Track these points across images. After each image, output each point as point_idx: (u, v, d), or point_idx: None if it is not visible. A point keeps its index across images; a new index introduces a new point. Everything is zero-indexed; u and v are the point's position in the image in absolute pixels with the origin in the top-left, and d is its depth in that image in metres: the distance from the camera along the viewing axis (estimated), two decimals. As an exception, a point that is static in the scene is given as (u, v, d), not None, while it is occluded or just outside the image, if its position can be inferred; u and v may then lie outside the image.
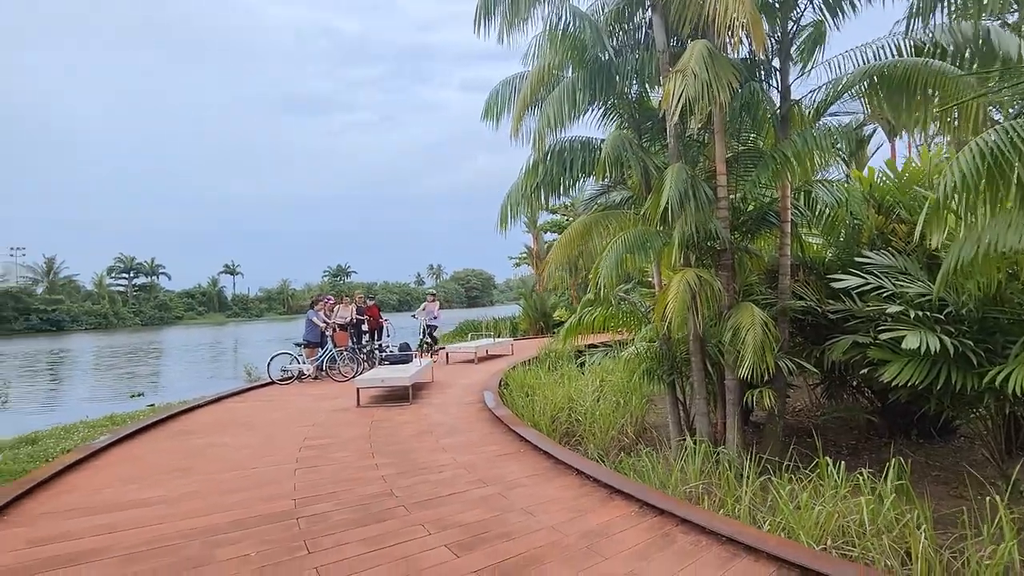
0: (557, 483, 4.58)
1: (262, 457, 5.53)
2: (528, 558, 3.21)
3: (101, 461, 5.53)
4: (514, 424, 6.48)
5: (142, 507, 4.18)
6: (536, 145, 6.39)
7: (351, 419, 7.32)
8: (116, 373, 28.48)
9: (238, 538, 3.60)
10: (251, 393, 9.66)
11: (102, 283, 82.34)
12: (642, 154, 6.34)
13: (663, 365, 6.81)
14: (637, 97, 7.13)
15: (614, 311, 7.28)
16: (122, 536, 3.65)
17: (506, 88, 7.31)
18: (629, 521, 3.73)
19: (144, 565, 3.24)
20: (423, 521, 3.82)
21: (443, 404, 8.21)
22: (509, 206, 6.88)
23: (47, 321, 68.90)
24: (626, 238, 5.80)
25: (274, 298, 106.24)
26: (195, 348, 42.72)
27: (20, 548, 3.49)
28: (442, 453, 5.58)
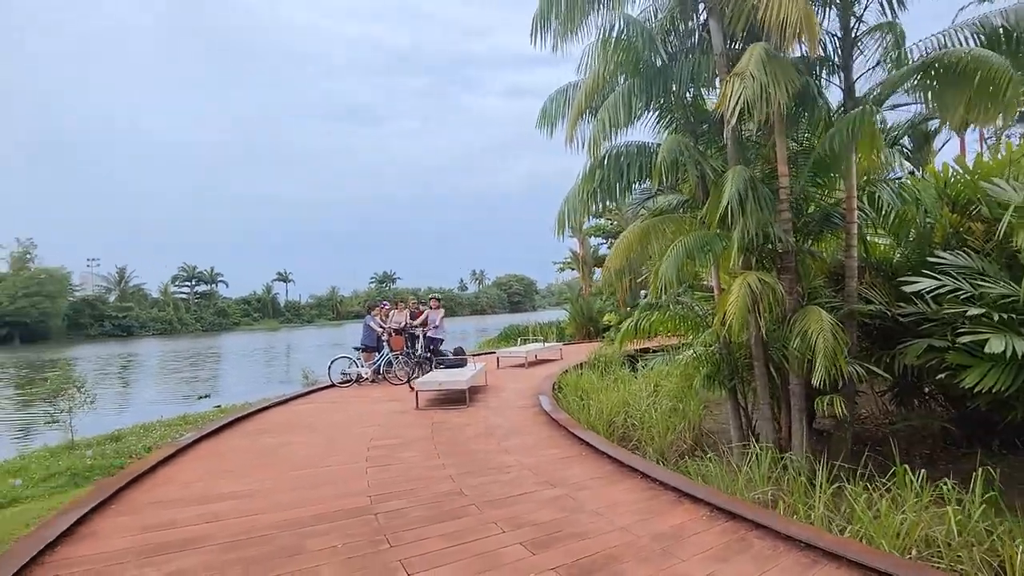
0: (623, 486, 4.62)
1: (333, 455, 5.80)
2: (605, 557, 3.28)
3: (188, 456, 5.93)
4: (573, 427, 6.55)
5: (232, 499, 4.48)
6: (592, 151, 6.46)
7: (412, 420, 7.56)
8: (180, 377, 30.10)
9: (324, 531, 3.82)
10: (314, 396, 10.07)
11: (167, 291, 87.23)
12: (699, 157, 6.31)
13: (723, 370, 6.73)
14: (692, 101, 7.11)
15: (672, 315, 7.24)
16: (220, 526, 3.93)
17: (560, 96, 7.42)
18: (701, 524, 3.74)
19: (244, 553, 3.49)
20: (496, 519, 3.95)
21: (499, 407, 8.35)
22: (567, 211, 6.97)
23: (119, 327, 73.45)
24: (686, 242, 5.79)
25: (324, 304, 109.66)
26: (251, 353, 44.58)
27: (134, 534, 3.81)
28: (505, 455, 5.71)
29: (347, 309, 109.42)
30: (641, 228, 6.58)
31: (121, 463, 9.37)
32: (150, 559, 3.44)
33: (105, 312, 74.36)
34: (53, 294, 66.18)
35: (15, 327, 63.09)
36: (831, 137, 5.47)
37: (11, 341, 62.25)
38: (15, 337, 62.95)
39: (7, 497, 8.12)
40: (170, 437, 10.80)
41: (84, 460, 9.61)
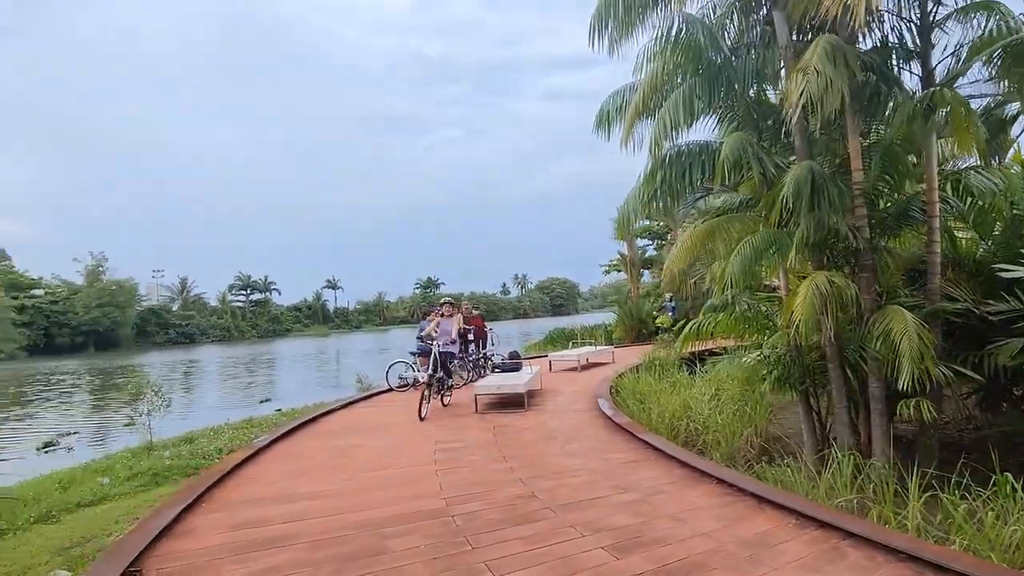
0: (698, 491, 4.53)
1: (402, 458, 5.93)
2: (691, 564, 3.22)
3: (265, 457, 6.18)
4: (637, 431, 6.47)
5: (313, 499, 4.65)
6: (653, 152, 6.39)
7: (472, 424, 7.64)
8: (239, 382, 31.45)
9: (404, 531, 3.90)
10: (374, 399, 10.32)
11: (225, 300, 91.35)
12: (763, 154, 6.14)
13: (794, 372, 6.51)
14: (756, 97, 6.93)
15: (737, 316, 7.06)
16: (305, 524, 4.08)
17: (616, 99, 7.38)
18: (788, 532, 3.63)
19: (331, 551, 3.60)
20: (573, 523, 3.94)
21: (557, 410, 8.34)
22: (628, 213, 6.91)
23: (182, 334, 77.46)
24: (754, 241, 5.65)
25: (371, 310, 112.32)
26: (303, 358, 46.13)
27: (227, 531, 4.00)
28: (571, 458, 5.69)
29: (393, 314, 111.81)
30: (705, 228, 6.46)
31: (197, 464, 9.88)
32: (244, 555, 3.60)
33: (169, 320, 78.54)
34: (123, 304, 70.41)
35: (90, 335, 67.47)
36: (908, 124, 5.22)
37: (86, 349, 66.55)
38: (90, 345, 67.28)
39: (97, 495, 8.68)
40: (239, 439, 11.32)
41: (163, 461, 10.18)
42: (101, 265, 71.88)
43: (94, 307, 66.89)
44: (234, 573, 3.34)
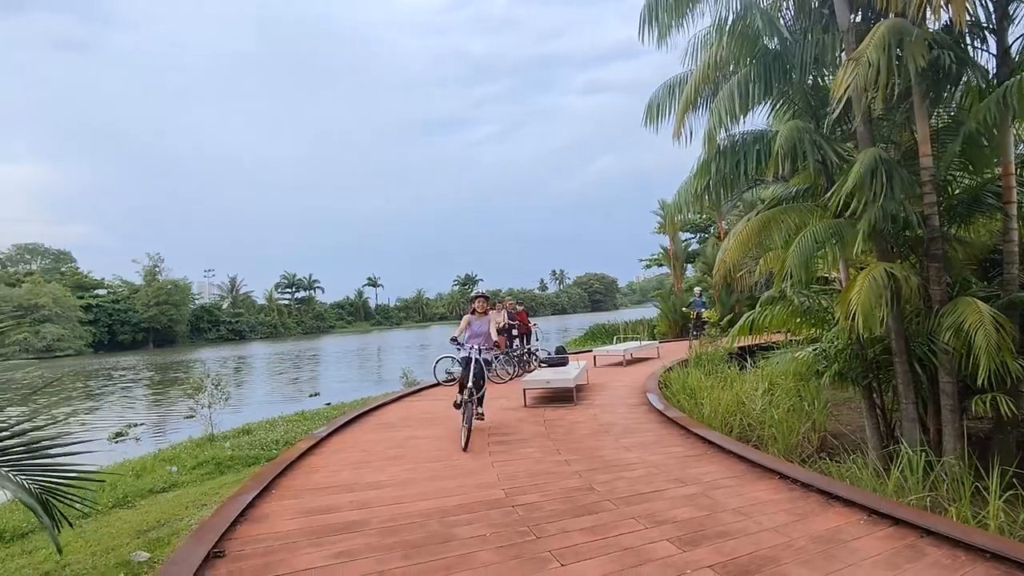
0: (761, 485, 4.46)
1: (458, 449, 6.04)
2: (761, 558, 3.19)
3: (326, 448, 6.40)
4: (691, 425, 6.40)
5: (378, 488, 4.80)
6: (706, 143, 6.28)
7: (523, 417, 7.71)
8: (286, 377, 32.53)
9: (469, 520, 3.99)
10: (423, 393, 10.53)
11: (271, 297, 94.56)
12: (821, 142, 5.94)
13: (856, 367, 6.30)
14: (814, 83, 6.71)
15: (794, 310, 6.87)
16: (373, 512, 4.22)
17: (666, 91, 7.27)
18: (860, 529, 3.54)
19: (400, 538, 3.72)
20: (634, 516, 3.95)
21: (607, 405, 8.32)
22: (680, 205, 6.81)
23: (232, 331, 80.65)
24: (815, 231, 5.48)
25: (411, 307, 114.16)
26: (346, 354, 47.31)
27: (299, 517, 4.19)
28: (626, 452, 5.68)
29: (432, 311, 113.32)
30: (761, 220, 6.31)
31: (256, 454, 10.33)
32: (318, 540, 3.76)
33: (220, 318, 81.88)
34: (178, 303, 73.83)
35: (149, 332, 71.08)
36: (984, 108, 4.97)
37: (145, 345, 70.15)
38: (149, 341, 70.89)
39: (167, 482, 9.20)
40: (294, 431, 11.76)
41: (224, 451, 10.68)
42: (158, 266, 75.50)
43: (152, 305, 70.41)
44: (311, 556, 3.49)
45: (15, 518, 7.39)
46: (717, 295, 21.04)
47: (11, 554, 6.37)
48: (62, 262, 78.46)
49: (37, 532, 6.99)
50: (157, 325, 71.24)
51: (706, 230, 29.83)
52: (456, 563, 3.30)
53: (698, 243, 30.54)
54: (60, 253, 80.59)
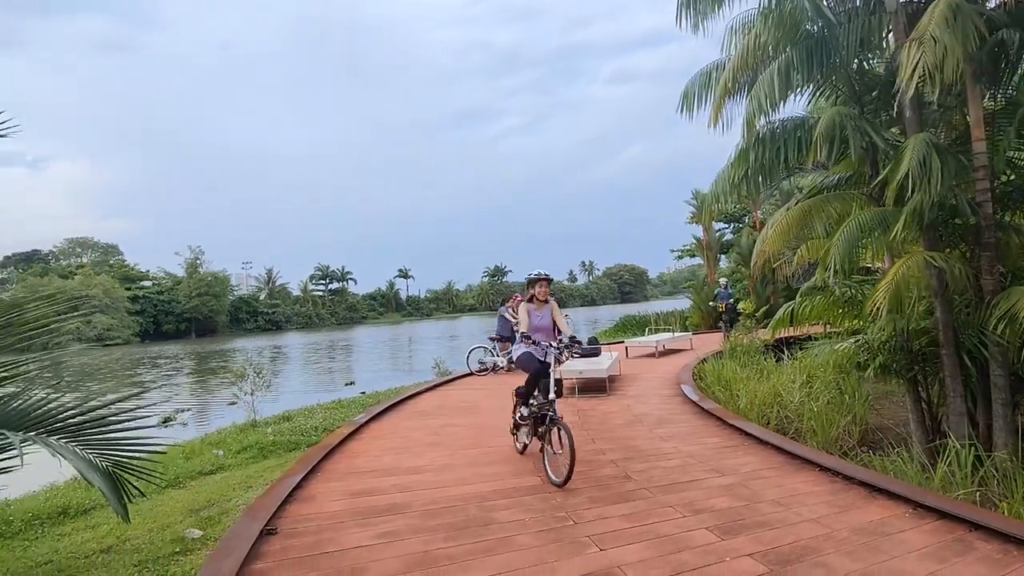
0: (801, 477, 4.42)
1: (494, 437, 6.15)
2: (803, 547, 3.18)
3: (366, 435, 6.59)
4: (727, 417, 6.36)
5: (419, 473, 4.94)
6: (744, 131, 6.17)
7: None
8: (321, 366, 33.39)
9: (507, 505, 4.08)
10: (456, 383, 10.70)
11: (306, 289, 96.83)
12: (867, 128, 5.76)
13: (899, 359, 6.14)
14: (858, 68, 6.50)
15: (835, 300, 6.72)
16: (414, 495, 4.35)
17: (702, 78, 7.15)
18: (906, 522, 3.49)
19: (442, 520, 3.84)
20: (671, 504, 3.97)
21: (641, 395, 8.31)
22: (717, 195, 6.72)
23: (269, 321, 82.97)
24: (860, 220, 5.34)
25: (441, 298, 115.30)
26: (378, 345, 48.19)
27: (344, 499, 4.35)
28: (661, 442, 5.69)
29: (462, 302, 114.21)
30: (800, 209, 6.18)
31: (297, 440, 10.66)
32: (364, 521, 3.91)
33: (258, 309, 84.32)
34: (218, 294, 76.30)
35: (191, 322, 73.72)
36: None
37: (188, 334, 72.79)
38: (191, 331, 73.53)
39: (215, 465, 9.59)
40: (332, 419, 12.09)
41: (267, 436, 11.07)
42: (199, 258, 78.08)
43: (194, 296, 72.95)
44: (357, 535, 3.64)
45: (78, 496, 7.84)
46: (752, 286, 20.63)
47: (76, 528, 6.78)
48: (110, 255, 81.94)
49: (98, 509, 7.41)
50: (199, 315, 73.80)
51: (740, 220, 29.18)
52: (497, 545, 3.39)
53: (732, 233, 29.91)
54: (108, 246, 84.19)
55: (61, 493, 8.10)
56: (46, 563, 5.39)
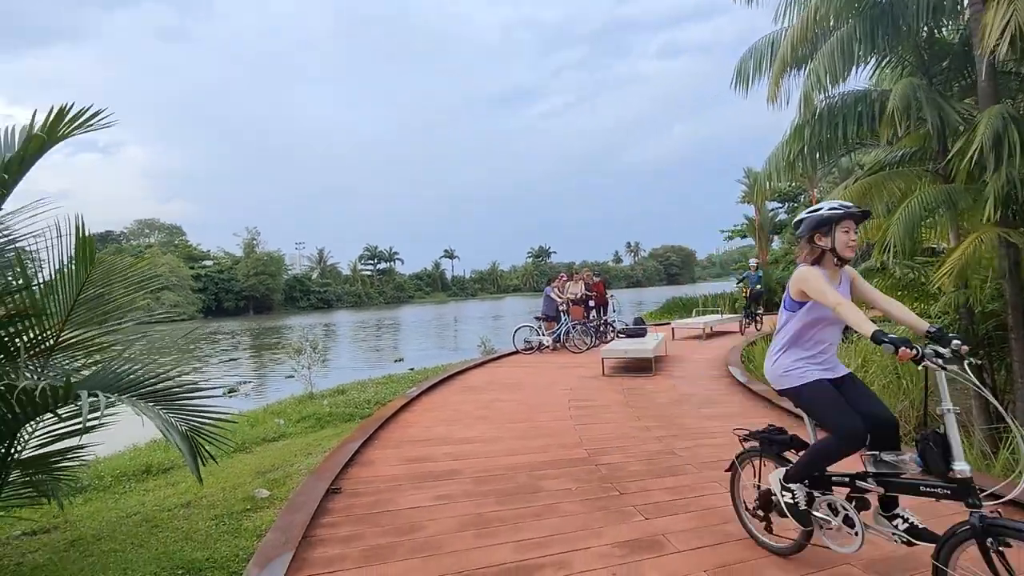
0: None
1: (541, 413, 6.32)
2: (849, 524, 3.20)
3: (418, 407, 6.90)
4: (777, 399, 6.29)
5: (470, 443, 5.18)
6: (802, 106, 5.98)
7: (602, 386, 7.87)
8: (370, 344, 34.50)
9: (555, 475, 4.25)
10: (503, 361, 10.94)
11: (355, 269, 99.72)
12: (939, 100, 5.48)
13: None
14: (927, 35, 6.16)
15: (896, 281, 6.48)
16: (466, 463, 4.59)
17: (757, 52, 6.93)
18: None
19: (493, 486, 4.05)
20: (716, 480, 4.03)
21: (687, 377, 8.30)
22: (770, 173, 6.56)
23: (320, 299, 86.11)
24: (922, 197, 5.14)
25: (485, 278, 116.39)
26: (424, 323, 49.26)
27: (401, 464, 4.63)
28: (708, 421, 5.72)
29: (506, 283, 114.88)
30: (860, 186, 5.97)
31: (351, 412, 11.20)
32: (419, 484, 4.17)
33: (311, 288, 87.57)
34: (273, 273, 79.65)
35: (249, 300, 77.35)
36: None
37: (246, 312, 76.43)
38: (249, 308, 77.17)
39: (277, 432, 10.22)
40: (383, 392, 12.60)
41: (323, 408, 11.68)
42: (255, 239, 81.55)
43: (251, 275, 76.41)
44: (414, 497, 3.89)
45: (158, 456, 8.55)
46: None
47: (158, 485, 7.43)
48: (175, 235, 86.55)
49: (176, 469, 8.08)
50: (256, 294, 77.31)
51: (795, 199, 28.03)
52: (545, 511, 3.57)
53: (786, 213, 28.80)
54: (173, 227, 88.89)
55: (143, 454, 8.86)
56: (135, 514, 5.95)
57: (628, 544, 3.05)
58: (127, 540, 5.06)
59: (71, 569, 4.42)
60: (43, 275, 4.19)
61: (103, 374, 4.37)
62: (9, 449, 4.05)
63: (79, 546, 5.02)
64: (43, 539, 5.27)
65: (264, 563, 2.83)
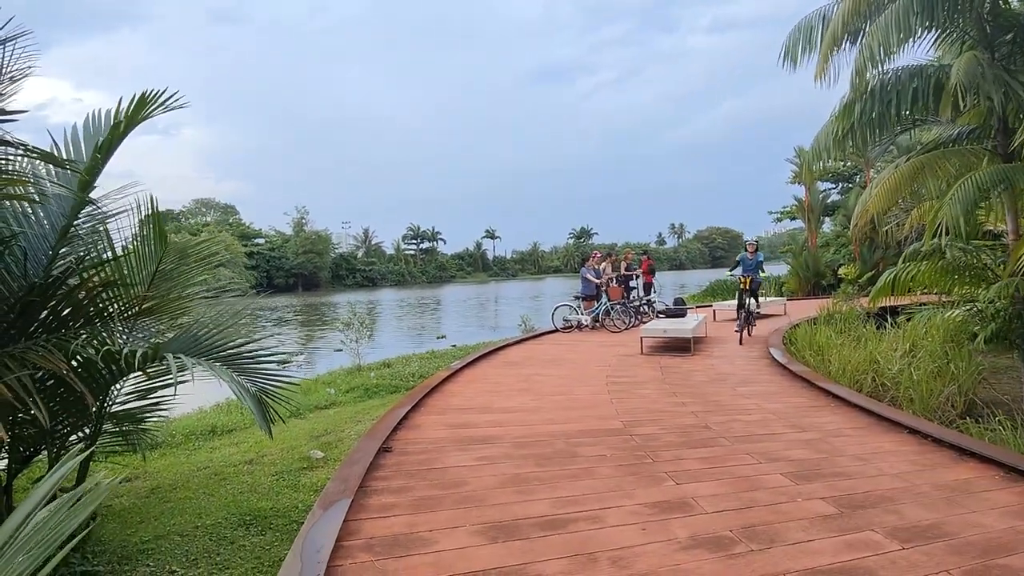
0: (886, 437, 4.43)
1: (579, 387, 6.54)
2: (877, 496, 3.30)
3: (461, 379, 7.23)
4: (816, 379, 6.31)
5: (509, 412, 5.46)
6: (853, 82, 5.84)
7: (640, 363, 8.01)
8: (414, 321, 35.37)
9: (591, 443, 4.47)
10: (542, 338, 11.18)
11: (399, 248, 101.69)
12: (1004, 75, 5.26)
13: (1016, 328, 5.74)
14: (991, 6, 5.87)
15: (944, 266, 6.30)
16: (505, 430, 4.86)
17: (807, 26, 6.74)
18: (994, 483, 3.47)
19: (531, 451, 4.30)
20: (748, 452, 4.17)
21: (725, 357, 8.33)
22: (819, 151, 6.45)
23: (366, 278, 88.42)
24: (978, 177, 5.00)
25: (526, 259, 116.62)
26: (465, 302, 50.00)
27: (445, 429, 4.95)
28: (744, 399, 5.81)
29: (547, 264, 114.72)
30: (912, 165, 5.82)
31: (396, 384, 11.72)
32: (463, 447, 4.46)
33: (356, 266, 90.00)
34: (321, 251, 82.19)
35: (298, 277, 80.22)
36: None
37: (295, 288, 79.32)
38: (298, 285, 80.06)
39: (328, 401, 10.83)
40: (427, 367, 13.09)
41: (370, 379, 12.25)
42: (304, 218, 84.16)
43: (300, 254, 79.11)
44: (458, 457, 4.19)
45: (223, 418, 9.25)
46: (857, 251, 19.18)
47: (223, 444, 8.08)
48: (229, 214, 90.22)
49: (239, 430, 8.74)
50: (304, 271, 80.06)
51: (851, 179, 26.84)
52: (580, 474, 3.80)
53: (839, 194, 27.64)
54: (227, 206, 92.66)
55: (209, 416, 9.60)
56: (205, 468, 6.55)
57: (658, 504, 3.25)
58: (199, 489, 5.62)
59: (153, 512, 4.98)
60: (120, 249, 4.63)
61: (184, 339, 4.85)
62: (104, 402, 4.57)
63: (158, 493, 5.62)
64: (128, 486, 5.91)
65: (327, 506, 3.18)
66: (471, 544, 2.78)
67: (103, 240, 4.67)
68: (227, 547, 4.12)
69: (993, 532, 2.81)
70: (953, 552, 2.61)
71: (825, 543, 2.73)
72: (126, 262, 4.57)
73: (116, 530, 4.50)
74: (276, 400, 4.97)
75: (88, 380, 3.93)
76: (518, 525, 2.99)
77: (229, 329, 5.23)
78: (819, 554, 2.62)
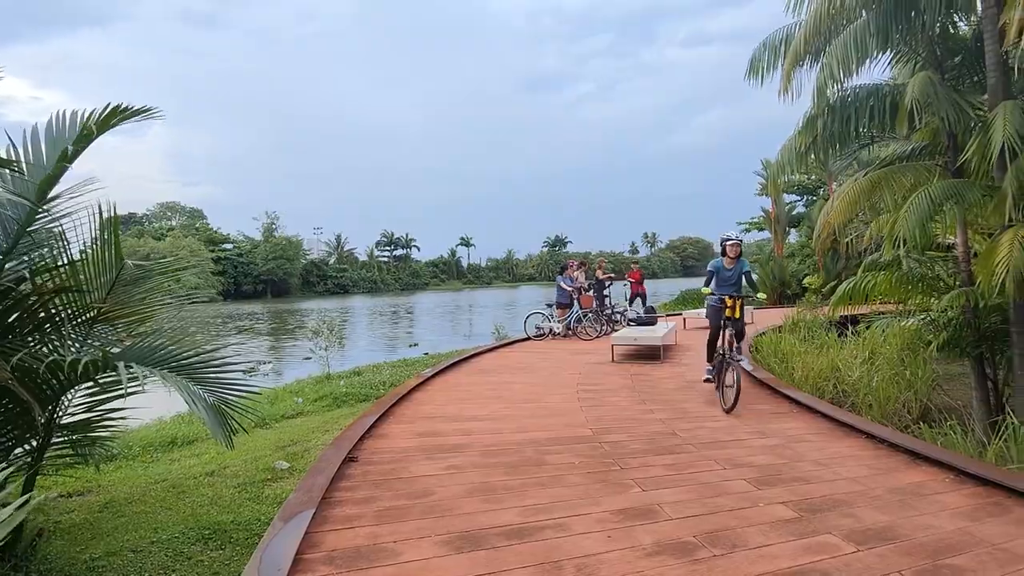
0: (845, 442, 4.55)
1: (550, 395, 6.55)
2: (833, 500, 3.39)
3: (431, 387, 7.16)
4: (779, 386, 6.46)
5: (479, 421, 5.42)
6: (815, 99, 6.05)
7: (611, 371, 8.07)
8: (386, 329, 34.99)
9: (559, 450, 4.48)
10: (515, 346, 11.17)
11: (372, 255, 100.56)
12: (954, 95, 5.52)
13: (967, 336, 5.99)
14: (941, 31, 6.17)
15: (900, 277, 6.55)
16: (475, 438, 4.83)
17: (772, 44, 6.98)
18: (945, 486, 3.60)
19: (500, 459, 4.28)
20: (713, 458, 4.23)
21: (694, 364, 8.45)
22: (783, 165, 6.65)
23: (337, 285, 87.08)
24: (931, 191, 5.21)
25: (501, 267, 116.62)
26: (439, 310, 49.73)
27: (413, 438, 4.89)
28: (710, 406, 5.90)
29: (521, 272, 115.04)
30: (870, 179, 6.05)
31: (367, 392, 11.53)
32: (430, 456, 4.41)
33: (328, 273, 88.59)
34: (291, 257, 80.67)
35: (267, 283, 78.54)
36: None
37: (264, 295, 77.66)
38: (267, 292, 78.39)
39: (295, 410, 10.60)
40: (398, 375, 12.93)
41: (340, 388, 12.03)
42: (274, 223, 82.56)
43: (270, 259, 77.50)
44: (426, 466, 4.14)
45: (183, 429, 8.96)
46: (821, 261, 19.80)
47: (183, 455, 7.83)
48: (195, 219, 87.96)
49: (200, 441, 8.47)
50: (274, 277, 78.47)
51: (815, 192, 27.74)
52: (549, 481, 3.80)
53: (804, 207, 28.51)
54: (194, 211, 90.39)
55: (169, 426, 9.28)
56: (163, 480, 6.31)
57: (625, 512, 3.26)
58: (156, 503, 5.41)
59: (105, 527, 4.77)
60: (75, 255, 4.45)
61: (138, 348, 4.68)
62: (53, 413, 4.38)
63: (112, 507, 5.38)
64: (79, 501, 5.65)
65: (288, 517, 3.10)
66: (436, 555, 2.74)
67: (57, 242, 4.48)
68: (184, 563, 3.98)
69: (943, 533, 2.91)
70: (905, 553, 2.69)
71: (784, 547, 2.78)
72: (83, 267, 4.40)
73: (64, 547, 4.29)
74: (237, 410, 4.83)
75: (36, 390, 3.76)
76: (485, 534, 2.97)
77: (190, 337, 5.07)
78: (778, 558, 2.67)
